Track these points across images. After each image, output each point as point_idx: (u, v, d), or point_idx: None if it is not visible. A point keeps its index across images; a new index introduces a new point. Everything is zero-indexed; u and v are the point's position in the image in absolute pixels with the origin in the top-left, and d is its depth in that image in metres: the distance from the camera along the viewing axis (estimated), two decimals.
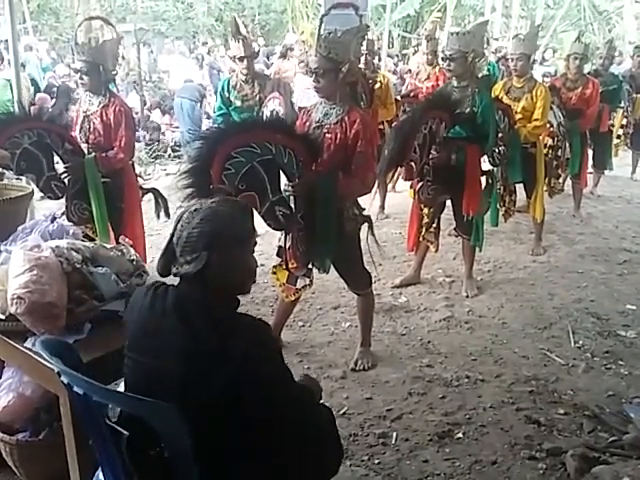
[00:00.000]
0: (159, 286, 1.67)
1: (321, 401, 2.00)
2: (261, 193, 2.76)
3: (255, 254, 1.71)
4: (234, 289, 1.66)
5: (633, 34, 15.05)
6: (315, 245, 2.97)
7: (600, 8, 16.11)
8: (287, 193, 2.88)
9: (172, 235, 1.64)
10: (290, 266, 3.05)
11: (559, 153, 5.15)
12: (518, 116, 4.36)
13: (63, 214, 3.42)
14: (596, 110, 5.31)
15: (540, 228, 4.93)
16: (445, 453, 2.58)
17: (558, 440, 2.64)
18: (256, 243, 1.72)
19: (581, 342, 3.51)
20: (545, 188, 4.95)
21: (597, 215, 5.94)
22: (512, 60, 4.52)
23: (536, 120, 4.37)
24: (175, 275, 1.65)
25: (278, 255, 3.11)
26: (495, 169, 4.20)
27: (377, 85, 5.09)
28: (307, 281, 3.16)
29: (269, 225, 2.91)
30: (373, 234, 3.14)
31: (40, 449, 2.19)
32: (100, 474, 1.71)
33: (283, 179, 2.86)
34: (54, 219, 2.50)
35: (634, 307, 3.95)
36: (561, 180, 5.63)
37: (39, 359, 1.80)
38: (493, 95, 4.28)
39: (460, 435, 2.69)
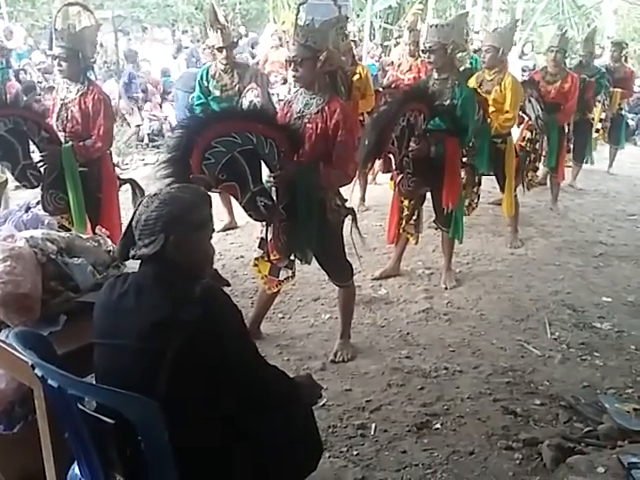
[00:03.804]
0: (121, 275, 1.73)
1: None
2: (242, 183, 2.75)
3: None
4: (191, 272, 1.66)
5: (612, 29, 15.20)
6: (297, 236, 2.96)
7: (579, 2, 16.23)
8: (269, 184, 2.86)
9: (132, 219, 1.67)
10: (272, 257, 3.04)
11: (537, 146, 5.19)
12: (491, 109, 4.35)
13: (38, 203, 3.34)
14: (574, 104, 5.35)
15: (515, 221, 4.95)
16: (423, 444, 2.60)
17: (534, 430, 2.67)
18: (214, 230, 1.75)
19: (557, 334, 3.56)
20: (523, 181, 4.99)
21: (574, 208, 6.01)
22: (483, 52, 4.54)
23: (507, 112, 4.36)
24: (133, 258, 1.68)
25: (260, 247, 3.10)
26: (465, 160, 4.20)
27: (356, 76, 5.06)
28: (289, 273, 3.16)
29: (250, 216, 2.90)
30: (357, 227, 3.14)
31: (15, 443, 2.15)
32: (76, 467, 1.70)
33: (265, 170, 2.84)
34: (28, 209, 2.47)
35: (609, 299, 4.01)
36: (540, 173, 5.69)
37: (13, 351, 1.76)
38: None
39: (438, 426, 2.71)
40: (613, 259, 4.72)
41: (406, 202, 4.01)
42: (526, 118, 5.10)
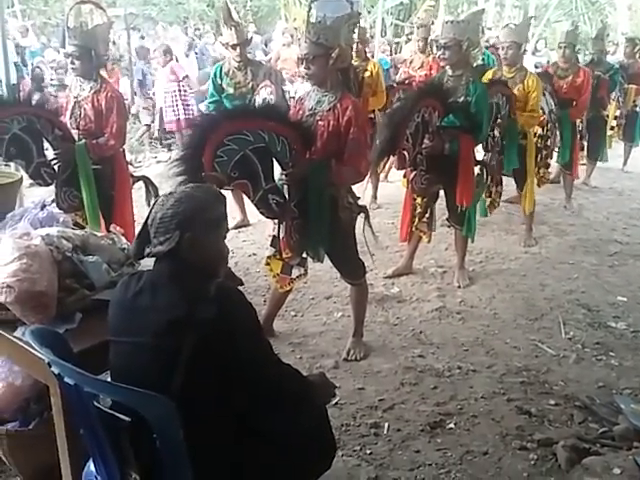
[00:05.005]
0: (136, 273, 1.74)
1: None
2: (254, 181, 2.75)
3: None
4: (205, 271, 1.67)
5: (626, 25, 15.07)
6: (309, 234, 2.95)
7: None
8: (281, 182, 2.85)
9: (147, 218, 1.67)
10: (284, 255, 3.04)
11: (549, 142, 5.15)
12: None
13: (53, 201, 3.38)
14: (587, 99, 5.30)
15: (530, 219, 4.93)
16: (437, 443, 2.58)
17: (549, 431, 2.65)
18: (228, 230, 1.76)
19: (572, 333, 3.53)
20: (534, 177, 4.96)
21: (588, 206, 5.95)
22: (502, 49, 4.49)
23: (532, 111, 4.35)
24: (148, 255, 1.68)
25: (272, 245, 3.09)
26: (486, 157, 4.18)
27: (367, 73, 5.04)
28: (302, 270, 3.15)
29: (262, 213, 2.90)
30: (370, 225, 3.13)
31: (30, 439, 2.17)
32: (91, 464, 1.70)
33: (277, 167, 2.83)
34: (44, 206, 2.48)
35: (624, 299, 3.97)
36: (553, 171, 5.64)
37: (29, 349, 1.77)
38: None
39: (452, 425, 2.69)
40: (628, 258, 4.67)
41: (419, 200, 3.99)
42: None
